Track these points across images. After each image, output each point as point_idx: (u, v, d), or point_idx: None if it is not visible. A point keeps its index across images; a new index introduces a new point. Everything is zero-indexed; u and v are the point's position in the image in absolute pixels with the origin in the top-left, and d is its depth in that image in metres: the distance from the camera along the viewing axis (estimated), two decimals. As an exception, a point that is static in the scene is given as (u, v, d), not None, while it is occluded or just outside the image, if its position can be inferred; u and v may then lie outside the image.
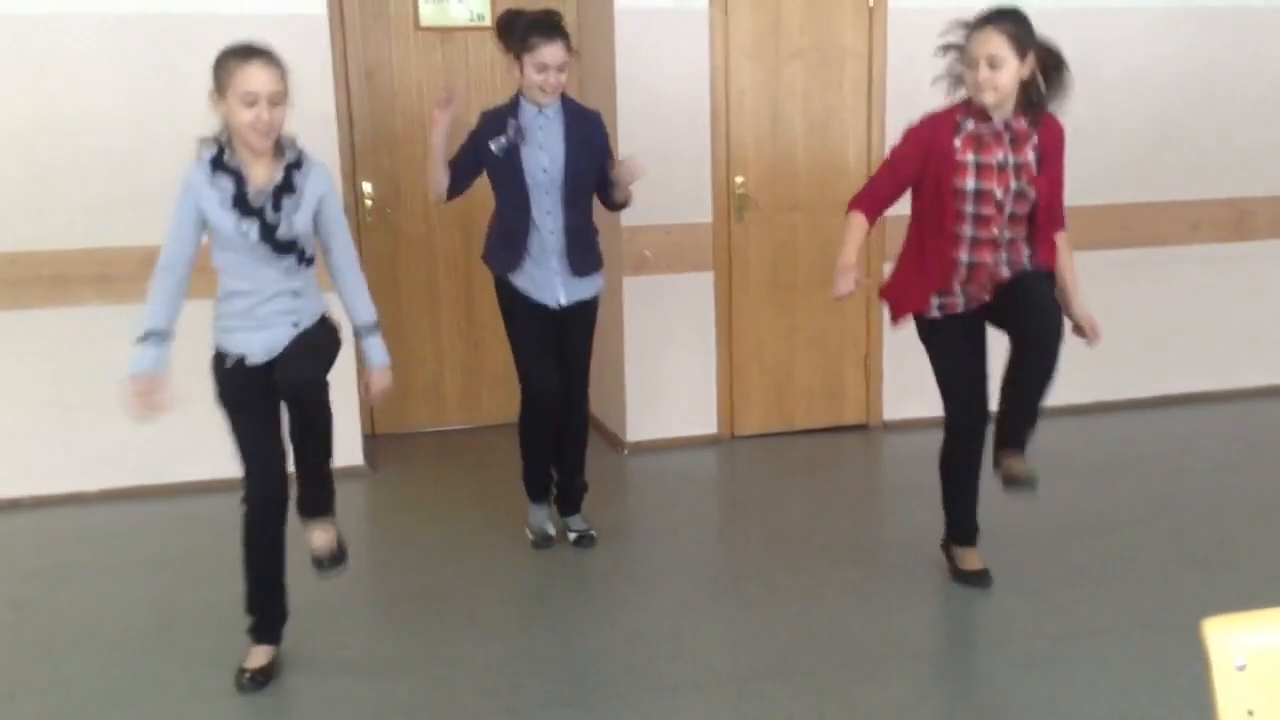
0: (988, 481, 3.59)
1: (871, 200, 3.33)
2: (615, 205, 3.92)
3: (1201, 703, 1.42)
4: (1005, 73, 3.10)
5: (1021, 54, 3.12)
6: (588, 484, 4.13)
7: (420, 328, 5.36)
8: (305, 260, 2.98)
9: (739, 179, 5.05)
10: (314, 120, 4.52)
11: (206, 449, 4.65)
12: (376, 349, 3.12)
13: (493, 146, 3.67)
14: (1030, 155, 3.23)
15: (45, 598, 3.72)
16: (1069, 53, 5.40)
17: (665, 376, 5.10)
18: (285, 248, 2.91)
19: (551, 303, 3.80)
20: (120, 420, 4.52)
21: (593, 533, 4.06)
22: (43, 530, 4.33)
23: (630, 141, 4.81)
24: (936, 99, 3.38)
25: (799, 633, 3.39)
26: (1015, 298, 3.30)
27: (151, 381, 2.88)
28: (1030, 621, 3.40)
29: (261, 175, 2.88)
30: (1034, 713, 2.90)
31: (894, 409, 5.33)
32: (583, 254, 3.80)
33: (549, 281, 3.77)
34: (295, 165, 2.92)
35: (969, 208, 3.21)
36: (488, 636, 3.39)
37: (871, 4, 5.02)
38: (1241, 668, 1.25)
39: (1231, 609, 1.32)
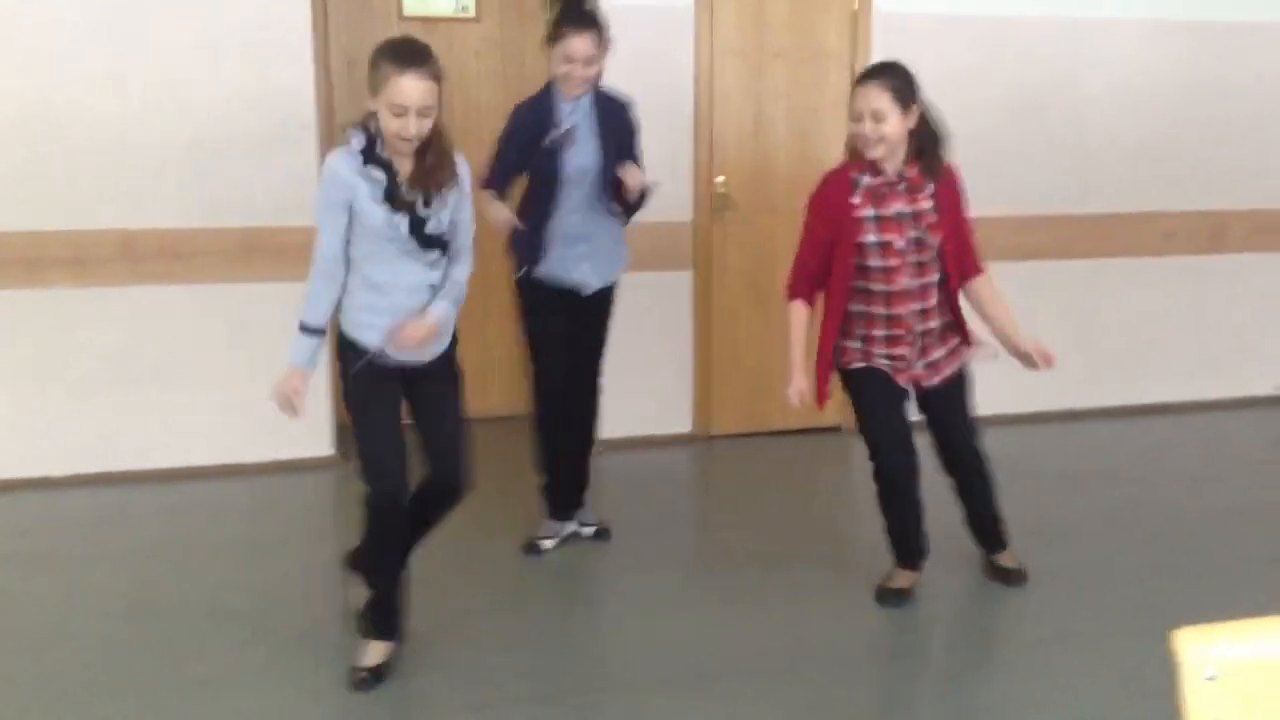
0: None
1: (805, 281, 3.38)
2: (626, 206, 3.81)
3: (1167, 710, 1.43)
4: (889, 125, 3.17)
5: (904, 106, 3.18)
6: (588, 478, 4.14)
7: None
8: (447, 255, 2.99)
9: (720, 179, 5.05)
10: (294, 108, 4.52)
11: (181, 436, 4.64)
12: (439, 307, 2.98)
13: (546, 141, 3.61)
14: (926, 203, 3.28)
15: (19, 585, 3.69)
16: (1050, 63, 5.45)
17: (641, 374, 5.09)
18: (432, 242, 2.92)
19: (575, 284, 3.76)
20: (93, 404, 4.52)
21: (607, 525, 4.10)
22: (15, 516, 4.28)
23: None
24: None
25: (771, 632, 3.40)
26: (941, 433, 3.54)
27: (304, 377, 2.93)
28: (1001, 625, 3.42)
29: (410, 169, 2.87)
30: (1004, 715, 2.92)
31: (868, 412, 5.35)
32: (609, 246, 3.80)
33: (576, 267, 3.74)
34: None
35: (875, 262, 3.27)
36: (459, 632, 3.37)
37: (855, 7, 5.04)
38: (1212, 679, 1.26)
39: (1200, 617, 1.33)
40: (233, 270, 4.55)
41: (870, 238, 3.25)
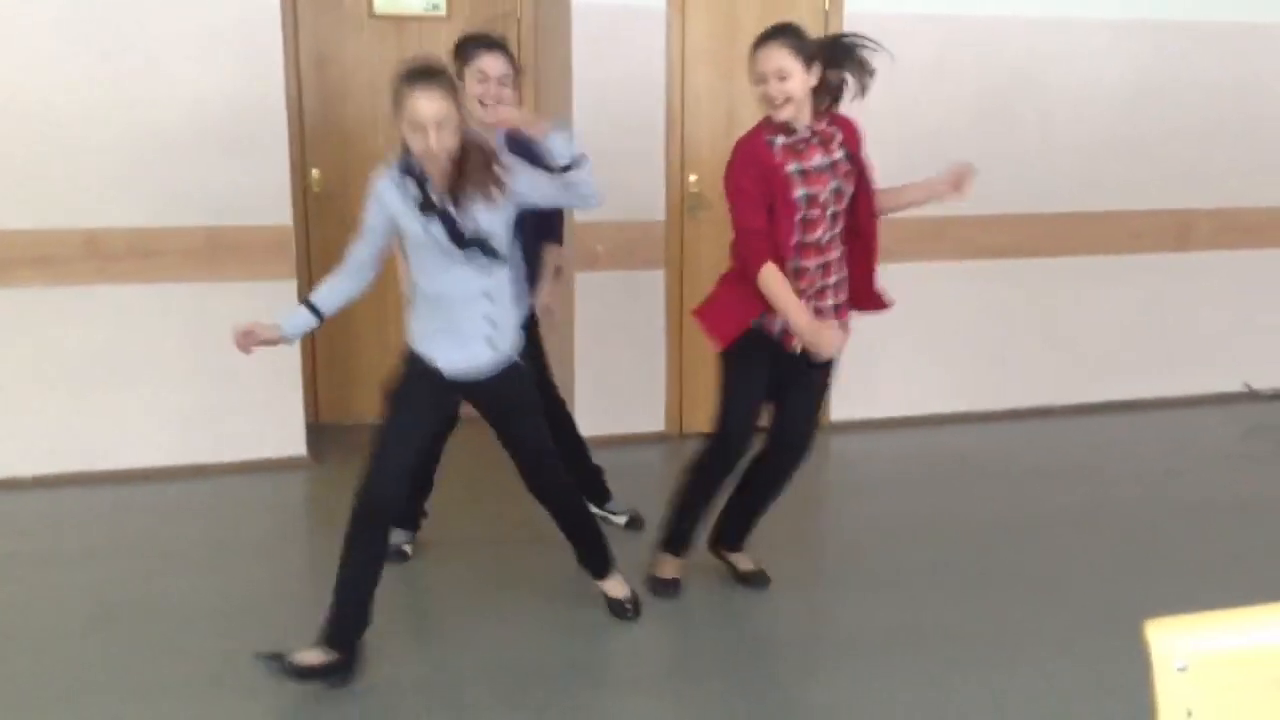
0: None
1: (763, 241, 3.23)
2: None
3: (1137, 704, 1.45)
4: (794, 82, 3.18)
5: (806, 62, 3.20)
6: (601, 467, 4.22)
7: (367, 317, 5.30)
8: (495, 256, 3.01)
9: (693, 177, 5.06)
10: (263, 106, 4.49)
11: (147, 436, 4.60)
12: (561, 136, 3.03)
13: None
14: (839, 153, 3.30)
15: (-22, 586, 3.64)
16: (1019, 64, 5.49)
17: (615, 373, 5.10)
18: (472, 244, 2.95)
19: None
20: (59, 405, 4.47)
21: (638, 512, 4.20)
22: (-25, 517, 4.23)
23: (585, 138, 4.79)
24: (884, 97, 3.41)
25: (743, 630, 3.40)
26: (790, 397, 3.45)
27: (272, 334, 3.02)
28: (968, 622, 3.44)
29: (437, 169, 2.92)
30: (972, 712, 2.94)
31: (841, 410, 5.37)
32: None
33: None
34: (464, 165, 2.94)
35: (800, 214, 3.26)
36: (428, 633, 3.37)
37: (827, 7, 5.06)
38: (1182, 669, 1.27)
39: (1166, 613, 1.34)
40: (200, 269, 4.52)
41: (799, 191, 3.23)
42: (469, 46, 3.56)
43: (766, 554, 3.79)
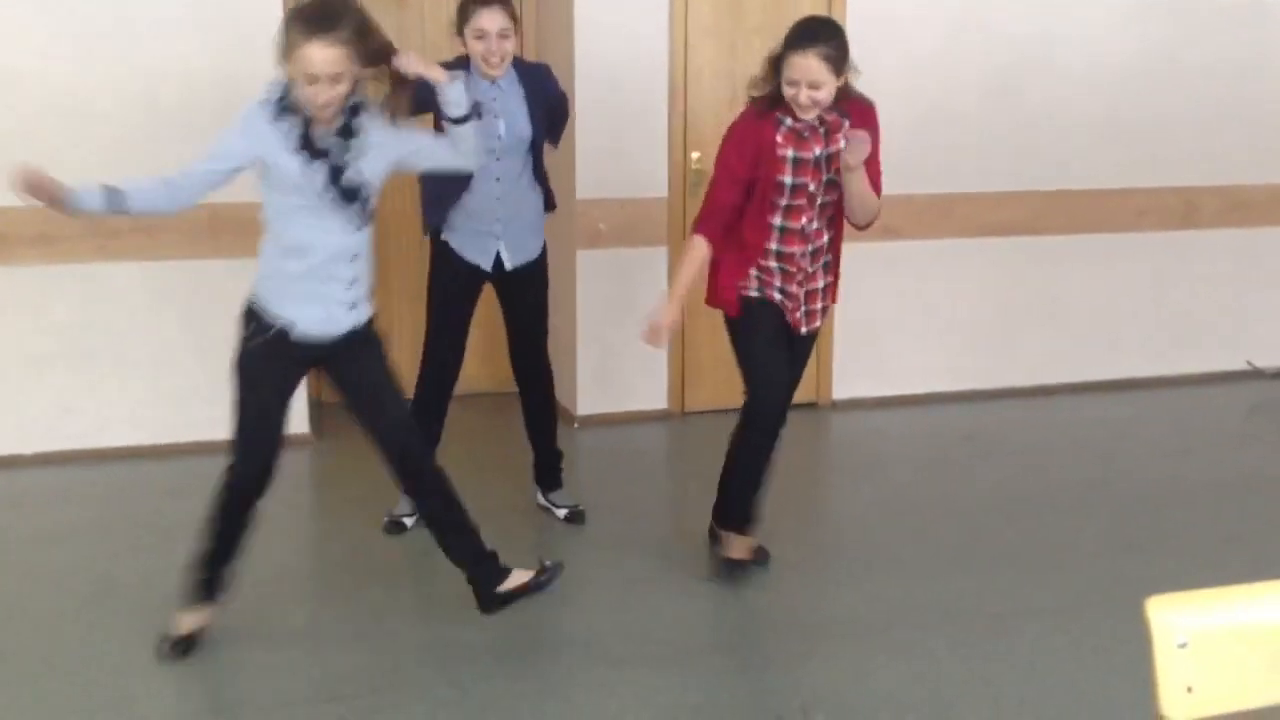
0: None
1: (716, 214, 3.29)
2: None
3: (1138, 681, 1.44)
4: (825, 91, 3.19)
5: (839, 72, 3.19)
6: (562, 452, 4.10)
7: (370, 296, 5.30)
8: (366, 215, 2.88)
9: (695, 155, 5.03)
10: (264, 82, 4.45)
11: (149, 413, 4.60)
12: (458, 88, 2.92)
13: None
14: (841, 143, 3.29)
15: (-20, 563, 3.65)
16: (1026, 43, 5.45)
17: (617, 350, 5.08)
18: (351, 195, 2.82)
19: (487, 265, 3.72)
20: (60, 382, 4.47)
21: (581, 508, 4.02)
22: (-22, 494, 4.24)
23: (588, 114, 4.79)
24: (892, 76, 3.38)
25: (746, 609, 3.41)
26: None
27: (53, 187, 2.67)
28: (970, 600, 3.44)
29: (325, 118, 2.79)
30: (973, 690, 2.94)
31: (843, 388, 5.36)
32: (528, 224, 3.75)
33: (486, 245, 3.70)
34: (355, 110, 2.83)
35: (784, 200, 3.27)
36: (432, 607, 3.37)
37: (833, -18, 5.02)
38: (1183, 646, 1.27)
39: (1167, 590, 1.33)
40: (201, 246, 4.51)
41: (786, 178, 3.25)
42: (464, 6, 3.54)
43: (769, 531, 3.80)
